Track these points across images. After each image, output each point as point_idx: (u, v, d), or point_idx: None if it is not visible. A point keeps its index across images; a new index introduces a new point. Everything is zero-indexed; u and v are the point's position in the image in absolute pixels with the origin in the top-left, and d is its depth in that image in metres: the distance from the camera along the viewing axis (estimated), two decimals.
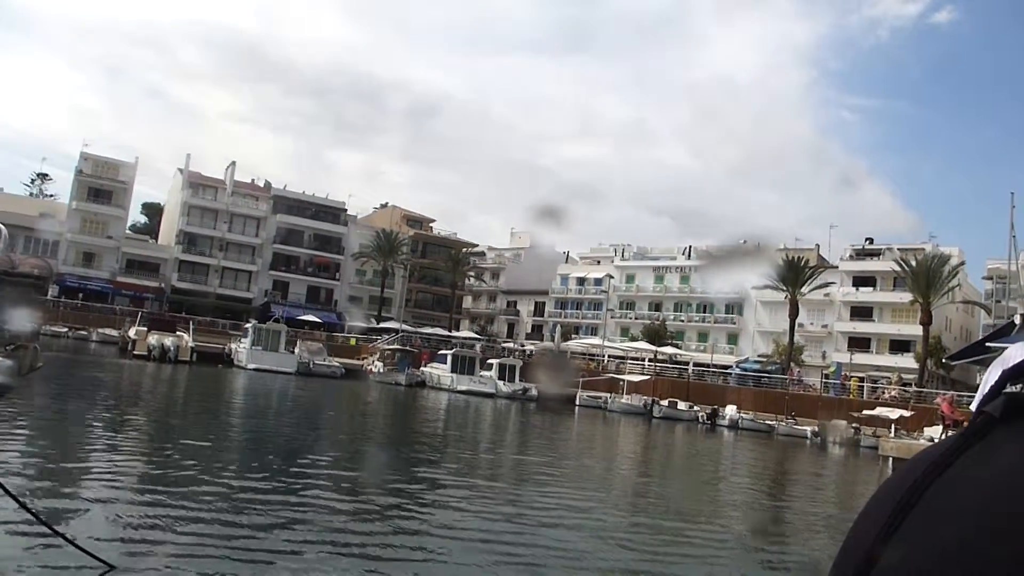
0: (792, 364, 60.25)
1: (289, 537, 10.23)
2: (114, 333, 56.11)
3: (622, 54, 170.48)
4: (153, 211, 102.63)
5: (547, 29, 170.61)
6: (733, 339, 75.04)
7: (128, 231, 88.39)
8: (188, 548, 9.11)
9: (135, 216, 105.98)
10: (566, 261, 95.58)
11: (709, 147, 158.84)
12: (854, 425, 44.96)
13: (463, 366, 54.65)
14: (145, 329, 46.09)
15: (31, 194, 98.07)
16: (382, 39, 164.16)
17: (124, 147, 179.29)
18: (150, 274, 78.38)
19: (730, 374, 62.34)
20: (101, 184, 78.17)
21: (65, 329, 60.12)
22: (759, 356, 67.70)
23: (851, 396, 52.85)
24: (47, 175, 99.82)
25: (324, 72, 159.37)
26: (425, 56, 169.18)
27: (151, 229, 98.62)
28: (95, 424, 19.56)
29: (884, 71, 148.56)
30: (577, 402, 52.99)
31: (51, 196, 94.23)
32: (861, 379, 56.66)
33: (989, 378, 0.67)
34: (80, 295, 72.18)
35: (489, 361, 57.22)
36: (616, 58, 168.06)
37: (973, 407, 0.83)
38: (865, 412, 45.36)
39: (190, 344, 45.54)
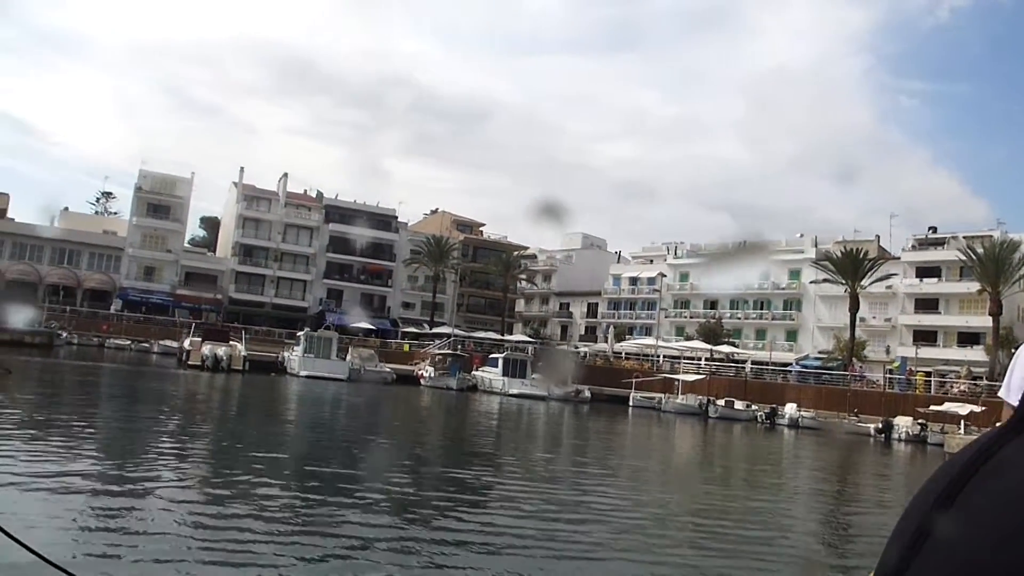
0: (854, 360, 58.31)
1: (338, 545, 10.06)
2: (174, 344, 57.20)
3: (669, 50, 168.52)
4: (211, 225, 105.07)
5: (591, 29, 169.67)
6: (792, 335, 73.05)
7: (187, 244, 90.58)
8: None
9: (194, 230, 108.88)
10: (618, 261, 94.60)
11: (765, 140, 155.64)
12: (920, 421, 43.22)
13: (514, 369, 54.33)
14: (199, 340, 46.95)
15: (96, 212, 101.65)
16: (429, 47, 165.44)
17: (183, 163, 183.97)
18: (208, 286, 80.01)
19: (790, 372, 60.75)
20: (159, 200, 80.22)
21: (128, 342, 61.83)
22: (819, 352, 65.70)
23: (917, 391, 50.81)
24: (111, 193, 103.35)
25: (374, 82, 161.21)
26: (472, 61, 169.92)
27: (209, 242, 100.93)
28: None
29: (943, 53, 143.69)
30: (631, 403, 52.32)
31: (115, 213, 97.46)
32: (928, 374, 54.48)
33: (1014, 366, 0.70)
34: (143, 308, 74.14)
35: (540, 364, 56.81)
36: (663, 54, 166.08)
37: (1002, 394, 0.86)
38: (932, 408, 43.50)
39: (243, 353, 46.21)
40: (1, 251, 73.65)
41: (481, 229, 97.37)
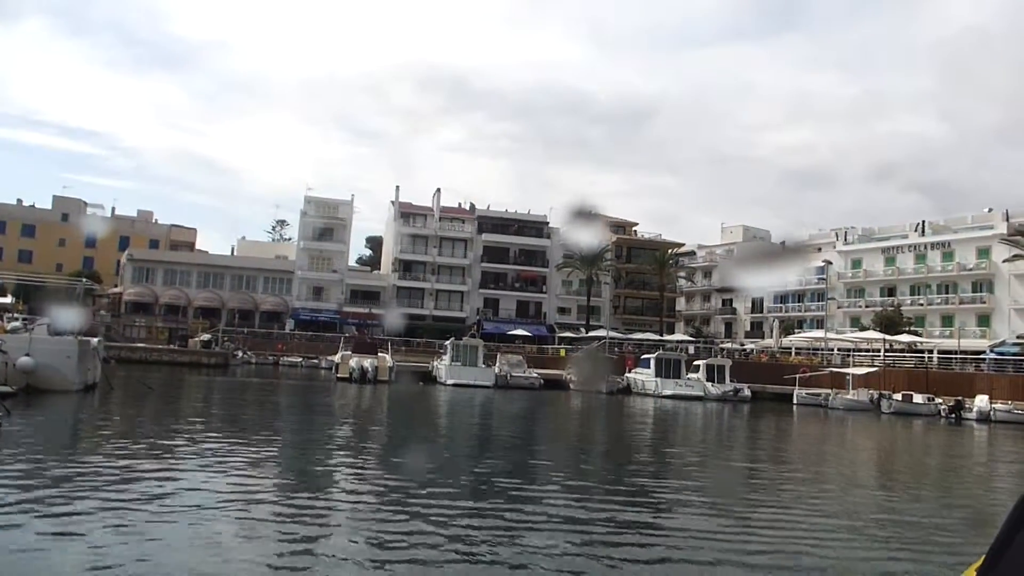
0: None
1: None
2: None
3: (839, 24, 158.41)
4: (376, 244, 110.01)
5: (750, 12, 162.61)
6: (984, 320, 65.54)
7: (354, 264, 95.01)
8: None
9: (360, 249, 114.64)
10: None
11: (962, 110, 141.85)
12: None
13: (668, 370, 52.11)
14: (349, 353, 48.71)
15: (273, 239, 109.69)
16: (584, 52, 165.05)
17: (352, 187, 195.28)
18: (372, 302, 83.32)
19: (984, 360, 54.46)
20: (323, 223, 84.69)
21: (300, 359, 65.36)
22: (1018, 337, 58.46)
23: None
24: (285, 221, 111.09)
25: (529, 93, 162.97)
26: (628, 61, 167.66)
27: (375, 260, 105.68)
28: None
29: None
30: (795, 400, 48.83)
31: (288, 239, 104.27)
32: None
33: None
34: (313, 326, 78.30)
35: (696, 363, 54.26)
36: (832, 30, 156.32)
37: None
38: None
39: (389, 364, 47.36)
40: (190, 280, 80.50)
41: (635, 229, 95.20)
